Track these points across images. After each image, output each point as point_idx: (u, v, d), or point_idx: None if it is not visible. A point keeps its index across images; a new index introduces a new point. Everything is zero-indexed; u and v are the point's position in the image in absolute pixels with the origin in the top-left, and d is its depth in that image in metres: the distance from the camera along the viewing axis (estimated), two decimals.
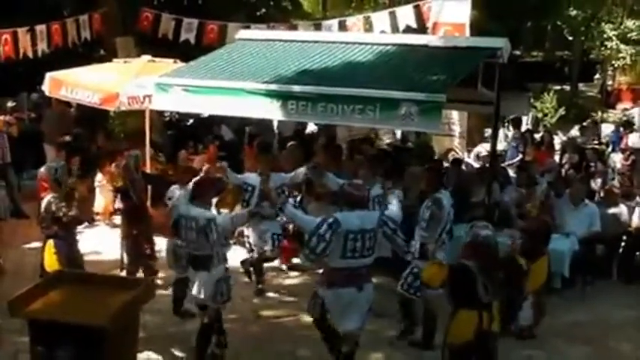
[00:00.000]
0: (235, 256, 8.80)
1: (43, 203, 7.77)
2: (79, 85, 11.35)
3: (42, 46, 14.49)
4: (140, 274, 8.80)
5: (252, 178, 9.37)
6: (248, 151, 12.21)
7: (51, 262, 7.52)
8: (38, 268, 7.93)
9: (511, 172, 11.97)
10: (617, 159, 14.11)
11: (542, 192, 10.03)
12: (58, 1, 17.95)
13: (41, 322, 5.58)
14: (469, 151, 14.86)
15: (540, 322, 7.97)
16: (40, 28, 14.43)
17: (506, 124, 16.21)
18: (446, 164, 13.09)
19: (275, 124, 15.45)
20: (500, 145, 14.47)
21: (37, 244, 9.84)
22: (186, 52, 13.39)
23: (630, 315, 8.85)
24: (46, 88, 12.07)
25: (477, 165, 13.01)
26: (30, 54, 14.30)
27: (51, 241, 7.62)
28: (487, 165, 11.43)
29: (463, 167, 12.37)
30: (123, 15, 15.70)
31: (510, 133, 15.74)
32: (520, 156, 14.16)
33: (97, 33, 15.65)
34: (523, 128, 16.29)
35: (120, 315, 5.64)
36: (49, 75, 11.96)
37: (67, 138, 12.70)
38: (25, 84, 16.94)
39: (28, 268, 8.94)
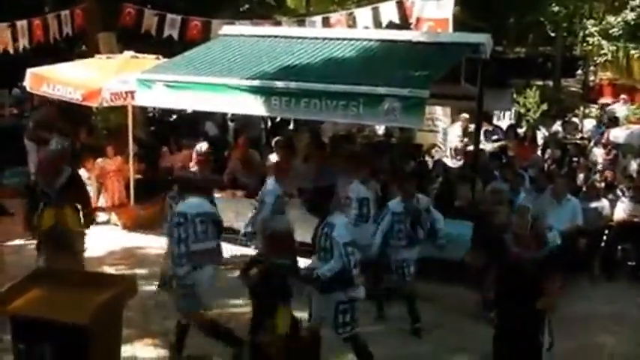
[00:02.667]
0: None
1: None
2: (61, 81, 11.30)
3: (23, 42, 14.40)
4: None
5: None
6: (235, 146, 12.18)
7: None
8: (20, 266, 7.86)
9: None
10: (598, 154, 14.20)
11: None
12: None
13: (23, 319, 5.54)
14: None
15: None
16: (21, 23, 14.34)
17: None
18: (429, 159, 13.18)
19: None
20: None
21: (19, 242, 9.80)
22: (169, 48, 13.33)
23: (612, 309, 8.91)
24: (27, 84, 12.00)
25: (451, 162, 13.09)
26: (11, 49, 14.19)
27: None
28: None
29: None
30: (105, 10, 15.59)
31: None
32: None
33: (79, 28, 15.54)
34: (505, 123, 16.33)
35: (102, 312, 5.60)
36: (30, 71, 11.89)
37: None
38: (6, 80, 16.79)
39: (10, 266, 8.86)
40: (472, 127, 14.92)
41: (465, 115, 14.38)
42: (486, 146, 13.32)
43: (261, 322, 5.62)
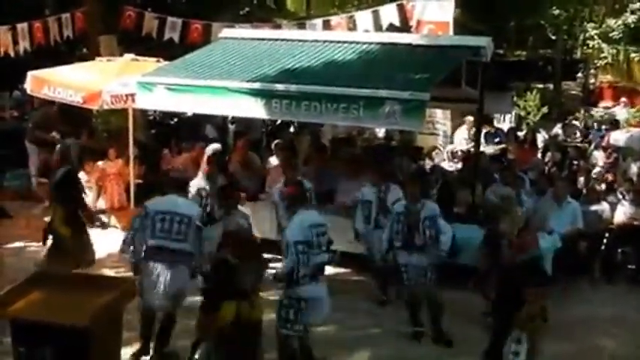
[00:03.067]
0: None
1: None
2: (62, 83, 11.30)
3: (24, 45, 14.41)
4: None
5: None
6: (235, 149, 12.17)
7: None
8: (20, 268, 7.87)
9: None
10: (599, 157, 14.20)
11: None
12: None
13: (23, 322, 5.54)
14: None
15: None
16: (22, 26, 14.35)
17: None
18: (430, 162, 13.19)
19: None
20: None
21: (19, 244, 9.81)
22: (169, 51, 13.33)
23: (612, 312, 8.91)
24: (28, 86, 12.01)
25: (448, 164, 13.10)
26: (11, 52, 14.20)
27: None
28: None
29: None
30: (105, 13, 15.61)
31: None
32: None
33: (80, 31, 15.55)
34: (506, 126, 16.33)
35: (102, 315, 5.61)
36: (31, 74, 11.89)
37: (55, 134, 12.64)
38: (7, 82, 16.81)
39: (10, 268, 8.86)
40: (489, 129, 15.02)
41: (471, 118, 14.40)
42: (488, 149, 13.33)
43: (206, 313, 5.75)
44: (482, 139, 13.49)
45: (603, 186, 11.55)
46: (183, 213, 6.89)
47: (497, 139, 14.29)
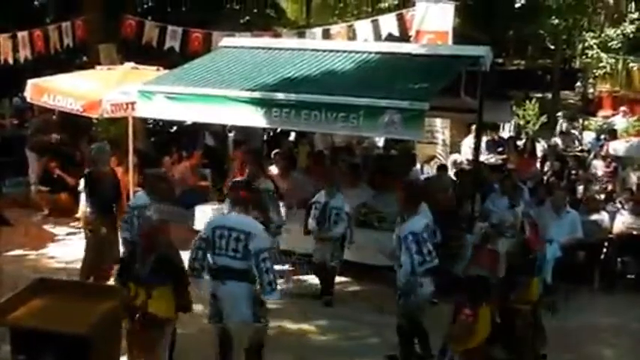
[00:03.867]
0: None
1: None
2: (62, 91, 11.31)
3: (24, 53, 14.44)
4: None
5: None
6: (235, 158, 12.18)
7: None
8: (19, 276, 7.87)
9: None
10: (598, 166, 14.21)
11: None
12: (41, 7, 17.87)
13: (23, 330, 5.53)
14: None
15: None
16: (22, 34, 14.39)
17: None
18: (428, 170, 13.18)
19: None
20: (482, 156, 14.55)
21: (19, 252, 9.80)
22: (169, 60, 13.36)
23: (612, 322, 8.91)
24: (28, 94, 12.01)
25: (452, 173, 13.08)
26: (11, 60, 14.22)
27: None
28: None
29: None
30: (106, 22, 15.65)
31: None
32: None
33: (80, 40, 15.59)
34: (505, 135, 16.35)
35: (102, 323, 5.60)
36: (31, 82, 11.90)
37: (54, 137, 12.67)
38: (6, 90, 16.83)
39: (10, 276, 8.85)
40: (484, 138, 15.06)
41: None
42: (491, 157, 13.36)
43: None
44: (485, 148, 13.62)
45: (602, 195, 11.56)
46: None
47: (500, 149, 14.31)
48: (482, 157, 12.85)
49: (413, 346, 7.28)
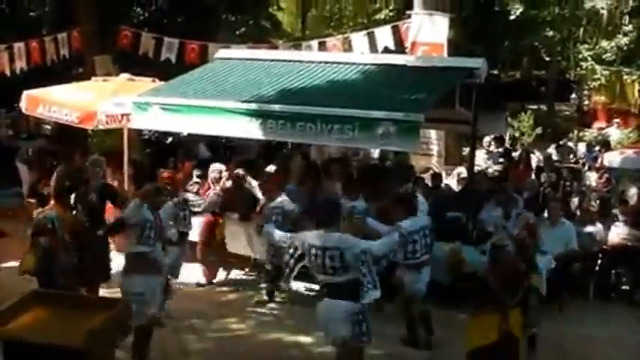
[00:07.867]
0: None
1: None
2: (57, 103, 11.32)
3: (20, 64, 14.44)
4: None
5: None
6: (229, 169, 12.16)
7: None
8: (14, 288, 7.82)
9: None
10: (592, 178, 14.24)
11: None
12: (37, 18, 17.89)
13: (17, 342, 5.51)
14: (447, 171, 14.90)
15: None
16: (19, 45, 14.40)
17: (491, 143, 16.05)
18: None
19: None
20: (485, 165, 14.62)
21: (13, 263, 9.75)
22: (165, 71, 13.37)
23: (607, 333, 8.90)
24: (23, 105, 12.01)
25: (457, 187, 13.08)
26: (7, 72, 14.23)
27: None
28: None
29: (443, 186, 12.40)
30: (102, 33, 15.67)
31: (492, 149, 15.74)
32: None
33: (76, 51, 15.61)
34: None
35: (97, 335, 5.58)
36: (26, 93, 11.91)
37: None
38: (1, 101, 16.82)
39: (4, 288, 8.82)
40: (494, 149, 15.16)
41: (487, 139, 14.49)
42: (493, 167, 13.40)
43: None
44: (488, 158, 13.68)
45: (597, 207, 11.57)
46: None
47: (501, 159, 14.36)
48: (490, 169, 13.07)
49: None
